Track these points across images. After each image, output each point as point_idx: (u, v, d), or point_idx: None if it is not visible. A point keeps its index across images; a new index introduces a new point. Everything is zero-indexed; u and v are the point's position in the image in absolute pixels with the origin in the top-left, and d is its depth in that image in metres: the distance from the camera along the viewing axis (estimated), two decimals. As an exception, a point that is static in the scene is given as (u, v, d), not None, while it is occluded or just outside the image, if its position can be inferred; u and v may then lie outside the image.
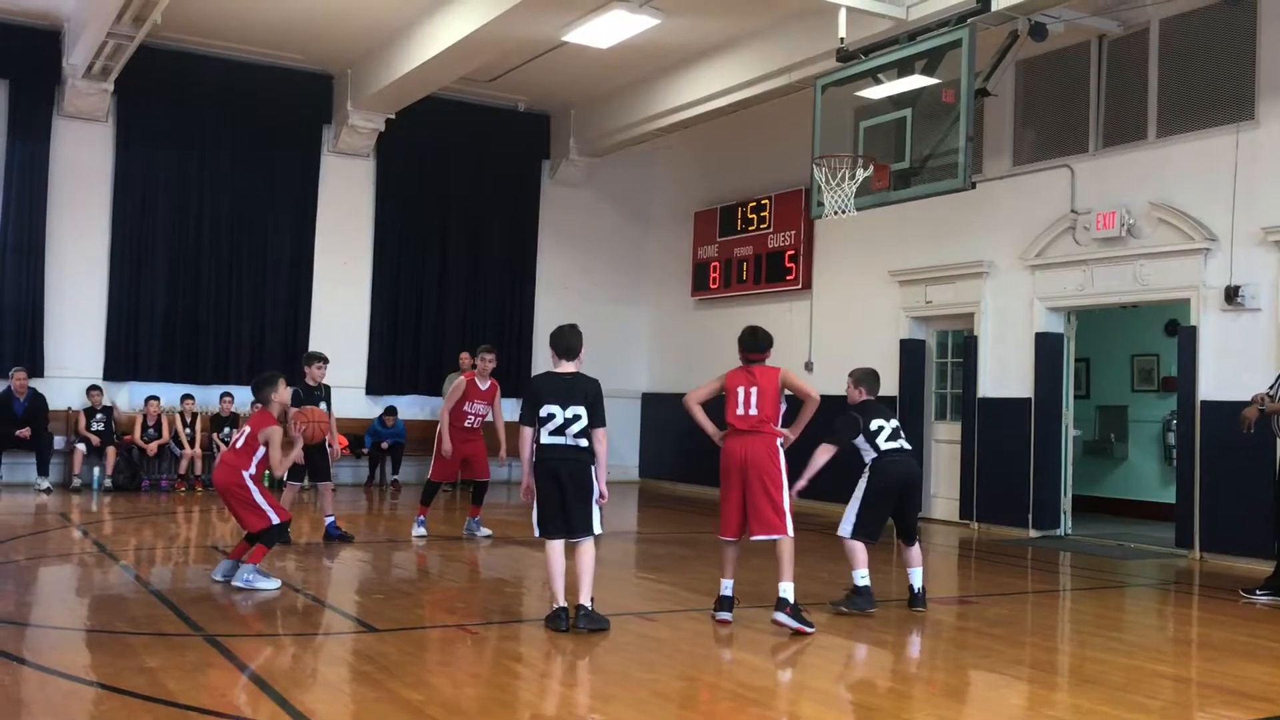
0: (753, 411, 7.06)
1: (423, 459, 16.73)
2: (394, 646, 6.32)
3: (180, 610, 7.12)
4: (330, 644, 6.71)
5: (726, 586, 7.24)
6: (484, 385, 11.08)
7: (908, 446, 7.89)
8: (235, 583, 7.79)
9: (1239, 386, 10.50)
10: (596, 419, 6.71)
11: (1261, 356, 10.40)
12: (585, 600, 6.71)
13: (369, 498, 15.14)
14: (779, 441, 7.09)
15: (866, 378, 8.07)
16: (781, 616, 6.94)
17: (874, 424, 7.78)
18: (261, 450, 8.01)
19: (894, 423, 7.92)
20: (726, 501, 7.15)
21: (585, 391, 6.72)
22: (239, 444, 8.09)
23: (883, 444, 7.76)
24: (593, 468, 6.73)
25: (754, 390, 7.08)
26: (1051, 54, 12.27)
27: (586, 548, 6.77)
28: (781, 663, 6.57)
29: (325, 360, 10.71)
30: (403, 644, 6.39)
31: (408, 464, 16.39)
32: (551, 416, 6.67)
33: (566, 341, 6.89)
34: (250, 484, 7.95)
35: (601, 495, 6.79)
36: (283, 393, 8.33)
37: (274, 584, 7.86)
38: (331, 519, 10.53)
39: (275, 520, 7.95)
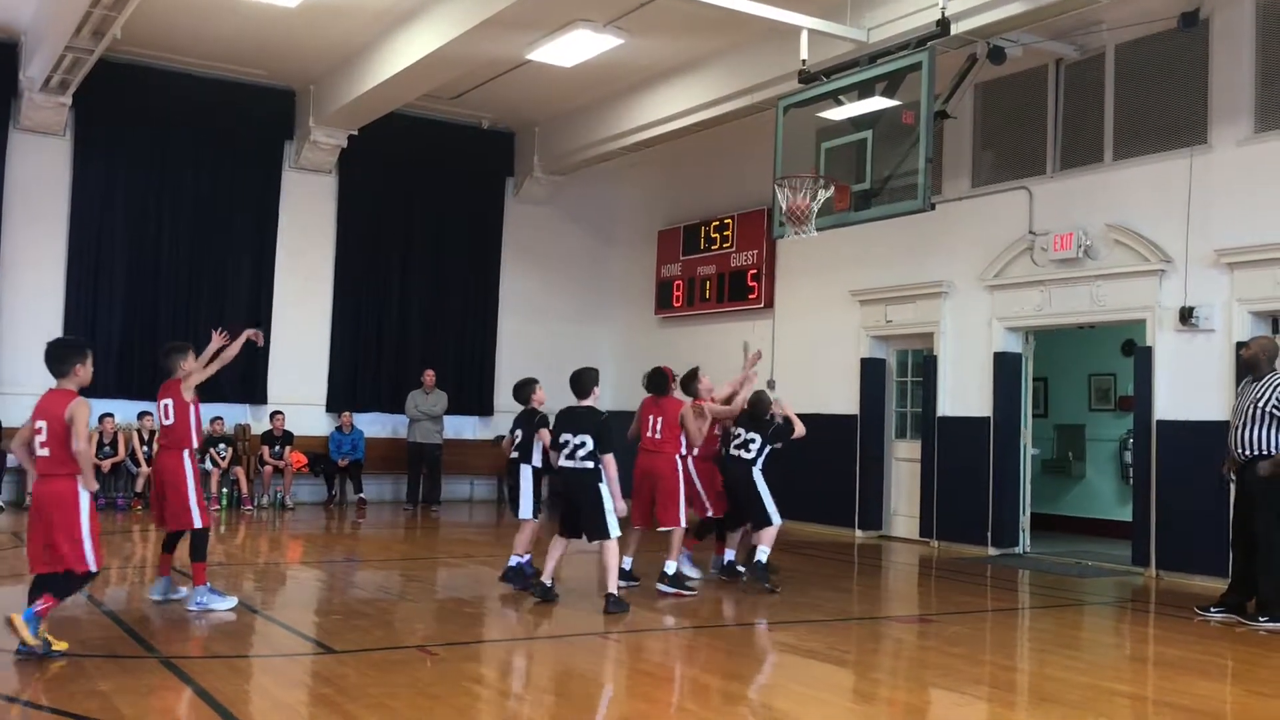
0: (656, 435, 9.08)
1: (383, 477, 16.68)
2: (352, 668, 6.26)
3: (134, 631, 7.02)
4: (288, 666, 6.63)
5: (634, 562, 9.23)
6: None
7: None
8: (189, 606, 7.65)
9: (1194, 406, 10.66)
10: (604, 446, 8.08)
11: (1215, 376, 10.56)
12: (612, 589, 8.04)
13: (329, 516, 15.00)
14: (677, 458, 9.11)
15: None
16: (663, 586, 8.86)
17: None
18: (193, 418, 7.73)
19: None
20: (638, 500, 9.17)
21: (592, 422, 8.15)
22: (169, 419, 7.77)
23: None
24: (601, 484, 8.04)
25: (659, 419, 9.11)
26: (1010, 77, 12.44)
27: (608, 548, 8.04)
28: (742, 683, 6.58)
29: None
30: (361, 666, 6.33)
31: (369, 482, 16.22)
32: (566, 443, 8.12)
33: (577, 383, 8.37)
34: (188, 468, 7.68)
35: (618, 509, 8.04)
36: (191, 360, 7.92)
37: (230, 601, 7.73)
38: (523, 559, 9.19)
39: (199, 524, 7.64)
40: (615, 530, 8.01)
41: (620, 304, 18.61)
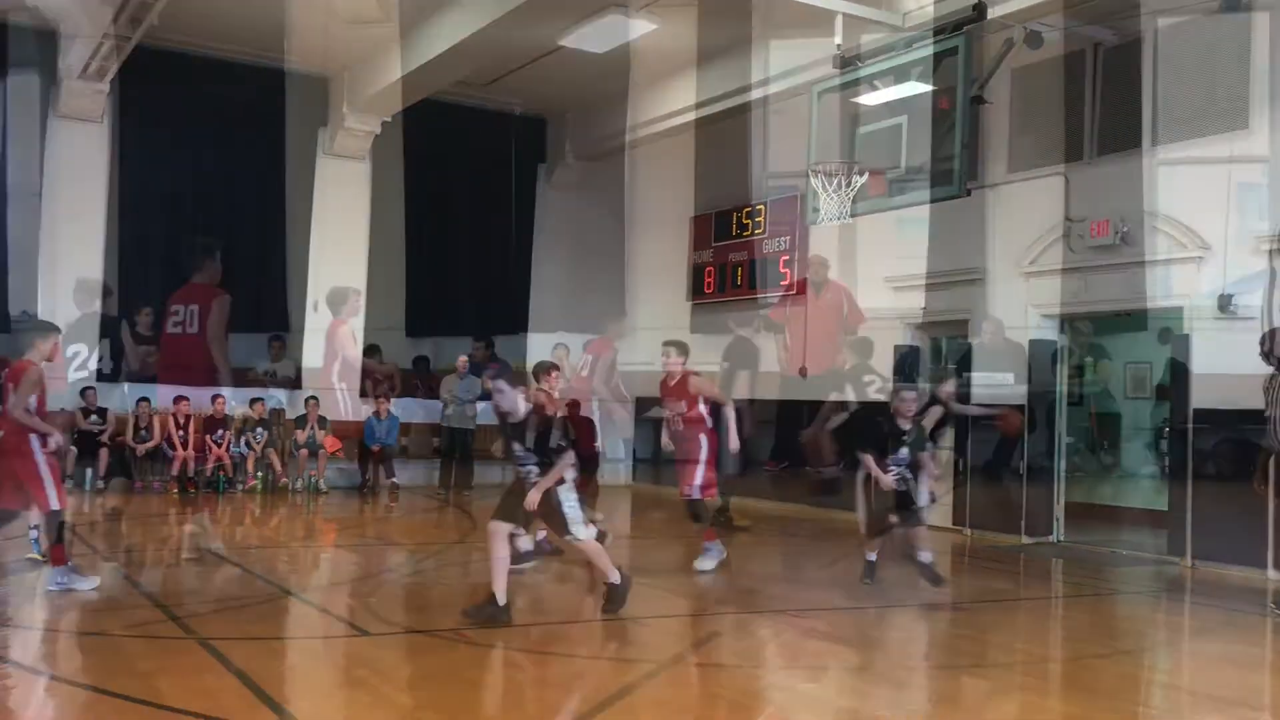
0: None
1: (416, 462, 16.76)
2: (388, 651, 6.32)
3: (173, 613, 7.11)
4: (323, 648, 6.70)
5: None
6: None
7: None
8: (49, 586, 7.56)
9: (1231, 395, 10.52)
10: None
11: (1253, 365, 10.38)
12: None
13: (362, 500, 15.10)
14: None
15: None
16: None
17: None
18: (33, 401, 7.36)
19: None
20: None
21: None
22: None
23: None
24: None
25: None
26: (1047, 62, 12.28)
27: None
28: (770, 667, 6.58)
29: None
30: (396, 648, 6.38)
31: (402, 467, 16.28)
32: None
33: None
34: (36, 449, 7.37)
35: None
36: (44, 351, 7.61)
37: (91, 583, 7.65)
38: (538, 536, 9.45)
39: (55, 505, 7.47)
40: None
41: (653, 290, 18.57)
